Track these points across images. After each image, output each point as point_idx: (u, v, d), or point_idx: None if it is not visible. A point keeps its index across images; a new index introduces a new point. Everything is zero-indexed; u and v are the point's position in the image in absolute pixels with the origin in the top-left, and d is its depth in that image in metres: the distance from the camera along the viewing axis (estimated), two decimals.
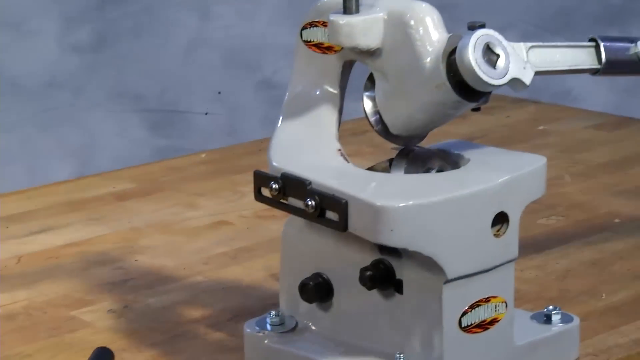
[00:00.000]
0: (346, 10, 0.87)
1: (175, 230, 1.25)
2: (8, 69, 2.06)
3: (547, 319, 0.93)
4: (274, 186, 0.88)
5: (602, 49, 0.93)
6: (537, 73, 0.87)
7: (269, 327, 0.92)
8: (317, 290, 0.90)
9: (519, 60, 0.85)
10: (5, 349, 0.98)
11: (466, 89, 0.85)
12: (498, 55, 0.84)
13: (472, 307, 0.85)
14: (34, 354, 0.97)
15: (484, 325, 0.86)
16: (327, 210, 0.85)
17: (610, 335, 0.97)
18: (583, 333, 0.94)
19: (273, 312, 0.93)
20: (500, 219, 0.85)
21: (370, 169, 0.91)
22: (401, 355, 0.85)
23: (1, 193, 1.40)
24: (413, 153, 0.92)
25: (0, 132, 2.06)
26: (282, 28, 2.18)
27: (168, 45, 2.18)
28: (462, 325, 0.85)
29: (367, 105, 0.91)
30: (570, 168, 1.40)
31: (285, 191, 0.88)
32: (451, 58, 0.85)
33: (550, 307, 0.93)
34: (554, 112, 1.67)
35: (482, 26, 0.86)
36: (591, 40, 0.94)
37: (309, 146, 0.91)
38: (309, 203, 0.85)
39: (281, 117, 0.94)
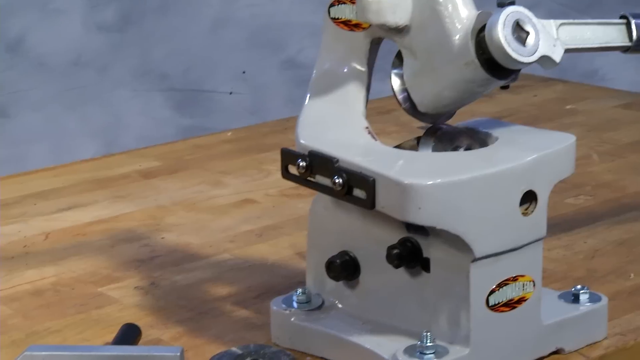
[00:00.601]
0: None
1: (201, 208, 1.25)
2: (34, 48, 2.06)
3: (575, 299, 0.92)
4: (301, 164, 0.88)
5: (633, 26, 0.92)
6: (567, 50, 0.86)
7: (295, 304, 0.92)
8: (344, 268, 0.90)
9: (548, 38, 0.84)
10: (33, 325, 0.99)
11: (495, 66, 0.84)
12: (528, 33, 0.83)
13: (500, 285, 0.85)
14: (62, 330, 0.98)
15: (511, 304, 0.86)
16: (354, 188, 0.85)
17: (638, 315, 0.96)
18: (611, 313, 0.93)
19: (299, 290, 0.93)
20: (529, 198, 0.85)
21: (398, 147, 0.90)
22: (428, 333, 0.85)
23: (28, 170, 1.41)
24: (441, 131, 0.91)
25: (26, 110, 2.06)
26: (307, 7, 2.18)
27: (193, 24, 2.18)
28: (490, 304, 0.85)
29: (395, 82, 0.90)
30: (598, 147, 1.40)
31: (313, 169, 0.88)
32: (480, 35, 0.84)
33: (578, 287, 0.92)
34: (582, 91, 1.66)
35: (512, 3, 0.85)
36: (622, 17, 0.93)
37: (337, 124, 0.91)
38: (337, 181, 0.85)
39: (308, 95, 0.94)
